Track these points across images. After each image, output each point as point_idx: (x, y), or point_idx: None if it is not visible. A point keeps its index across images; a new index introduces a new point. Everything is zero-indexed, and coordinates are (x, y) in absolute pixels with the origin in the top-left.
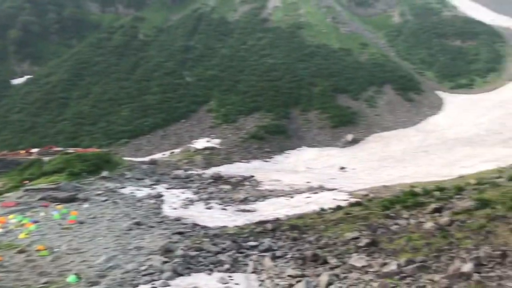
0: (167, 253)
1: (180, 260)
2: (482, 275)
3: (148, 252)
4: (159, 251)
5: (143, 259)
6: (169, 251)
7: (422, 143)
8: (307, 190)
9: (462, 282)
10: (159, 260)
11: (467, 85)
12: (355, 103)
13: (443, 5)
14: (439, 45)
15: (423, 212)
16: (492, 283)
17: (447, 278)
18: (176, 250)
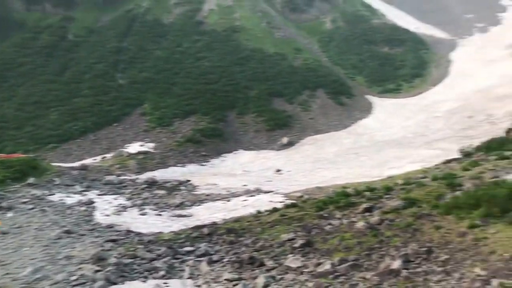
0: (99, 262)
1: (113, 268)
2: (410, 271)
3: (79, 261)
4: (91, 260)
5: (73, 268)
6: (101, 260)
7: (353, 145)
8: (244, 193)
9: (392, 278)
10: (91, 269)
11: (395, 89)
12: (290, 106)
13: (372, 13)
14: (368, 51)
15: (355, 212)
16: (419, 278)
17: (377, 276)
18: (109, 258)
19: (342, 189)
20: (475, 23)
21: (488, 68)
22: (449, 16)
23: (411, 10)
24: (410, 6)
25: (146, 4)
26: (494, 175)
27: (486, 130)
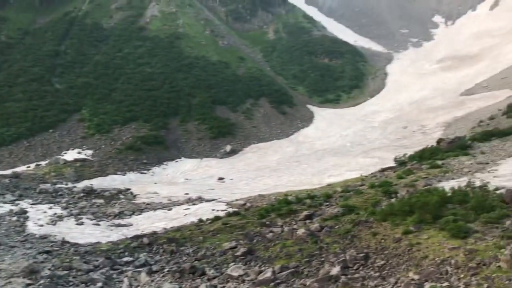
0: (31, 275)
1: (47, 281)
2: (348, 277)
3: (8, 274)
4: (22, 273)
5: (2, 283)
6: (33, 272)
7: (295, 154)
8: (186, 201)
9: (331, 284)
10: (21, 283)
11: (334, 100)
12: (234, 114)
13: (313, 25)
14: (309, 62)
15: (296, 219)
16: (357, 284)
17: (317, 282)
18: (42, 270)
19: (284, 197)
20: (409, 38)
21: (422, 81)
22: (386, 30)
23: (350, 24)
24: (349, 20)
25: (86, 7)
26: (427, 183)
27: (419, 140)
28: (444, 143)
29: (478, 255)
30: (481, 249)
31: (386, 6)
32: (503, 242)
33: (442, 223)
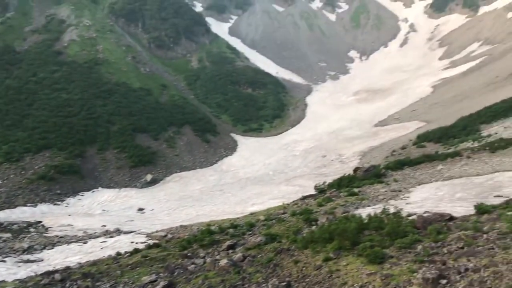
0: None
1: None
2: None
3: None
4: None
5: None
6: None
7: (218, 182)
8: (103, 234)
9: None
10: None
11: (257, 129)
12: (155, 143)
13: (237, 55)
14: (233, 92)
15: (219, 249)
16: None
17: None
18: None
19: (206, 227)
20: (327, 71)
21: (339, 112)
22: (305, 63)
23: (272, 56)
24: (271, 52)
25: None
26: (345, 210)
27: (338, 168)
28: (361, 172)
29: (394, 280)
30: (396, 273)
31: (306, 40)
32: (415, 266)
33: (360, 249)
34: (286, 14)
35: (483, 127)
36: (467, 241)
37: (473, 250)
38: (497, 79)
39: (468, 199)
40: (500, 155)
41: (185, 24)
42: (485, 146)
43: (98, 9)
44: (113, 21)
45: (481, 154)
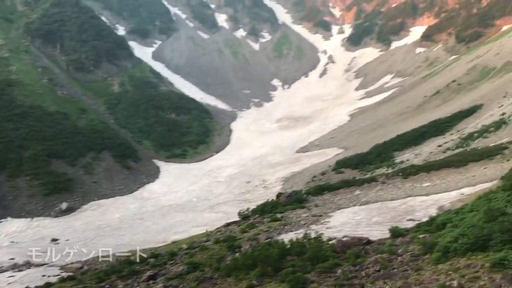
0: None
1: None
2: None
3: None
4: None
5: None
6: None
7: (139, 210)
8: (11, 268)
9: None
10: None
11: (181, 155)
12: (72, 169)
13: (160, 80)
14: (156, 117)
15: (139, 280)
16: None
17: None
18: None
19: (126, 257)
20: (252, 98)
21: (263, 138)
22: (230, 90)
23: (196, 82)
24: (196, 78)
25: None
26: (268, 236)
27: (261, 194)
28: (283, 197)
29: None
30: None
31: (230, 68)
32: None
33: (283, 275)
34: (211, 41)
35: (396, 154)
36: (383, 264)
37: (389, 272)
38: (408, 109)
39: (384, 223)
40: (412, 180)
41: (106, 47)
42: (398, 172)
43: (12, 28)
44: (29, 41)
45: (394, 179)
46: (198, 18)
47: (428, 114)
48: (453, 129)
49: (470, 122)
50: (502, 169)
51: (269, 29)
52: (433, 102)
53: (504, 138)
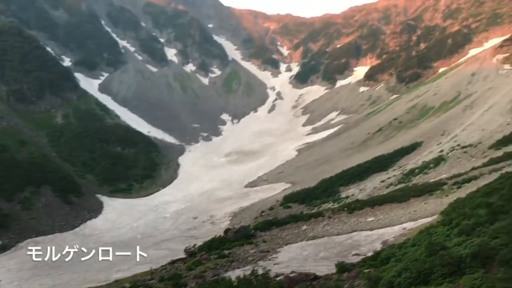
0: None
1: None
2: None
3: None
4: None
5: None
6: None
7: (80, 248)
8: None
9: None
10: None
11: (126, 189)
12: (8, 204)
13: (106, 113)
14: (101, 150)
15: None
16: None
17: None
18: None
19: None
20: (200, 132)
21: (211, 173)
22: (179, 124)
23: (144, 115)
24: (143, 111)
25: None
26: (215, 273)
27: (209, 230)
28: (231, 233)
29: None
30: None
31: (179, 101)
32: None
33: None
34: (160, 74)
35: (342, 189)
36: None
37: None
38: (353, 145)
39: (330, 257)
40: (357, 215)
41: (50, 78)
42: (344, 207)
43: None
44: None
45: (340, 214)
46: (147, 52)
47: (372, 150)
48: (395, 165)
49: (411, 158)
50: (441, 204)
51: (219, 65)
52: (376, 138)
53: (443, 174)
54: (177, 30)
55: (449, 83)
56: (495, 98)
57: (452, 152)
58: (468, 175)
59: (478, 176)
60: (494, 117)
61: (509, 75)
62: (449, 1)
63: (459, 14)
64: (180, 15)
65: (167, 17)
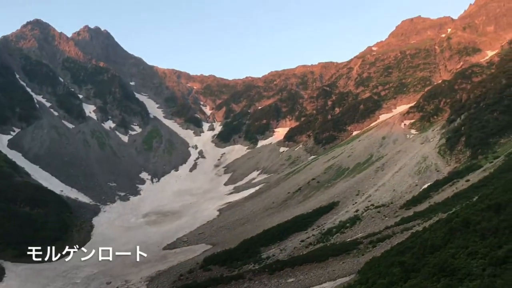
0: None
1: None
2: None
3: None
4: None
5: None
6: None
7: None
8: None
9: None
10: None
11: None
12: None
13: (15, 170)
14: (6, 210)
15: None
16: None
17: None
18: None
19: None
20: (117, 191)
21: (128, 234)
22: (94, 182)
23: (57, 173)
24: (56, 168)
25: None
26: None
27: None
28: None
29: None
30: None
31: (96, 159)
32: None
33: None
34: (77, 131)
35: (263, 249)
36: None
37: None
38: (273, 205)
39: None
40: (277, 276)
41: None
42: (264, 268)
43: None
44: None
45: (261, 276)
46: (64, 108)
47: (292, 209)
48: (314, 225)
49: (329, 218)
50: (358, 263)
51: (140, 122)
52: (296, 198)
53: (359, 233)
54: (97, 87)
55: (362, 145)
56: (404, 160)
57: (366, 212)
58: (382, 234)
59: (391, 235)
60: (404, 178)
61: (416, 139)
62: (360, 70)
63: (370, 82)
64: (101, 72)
65: (87, 73)
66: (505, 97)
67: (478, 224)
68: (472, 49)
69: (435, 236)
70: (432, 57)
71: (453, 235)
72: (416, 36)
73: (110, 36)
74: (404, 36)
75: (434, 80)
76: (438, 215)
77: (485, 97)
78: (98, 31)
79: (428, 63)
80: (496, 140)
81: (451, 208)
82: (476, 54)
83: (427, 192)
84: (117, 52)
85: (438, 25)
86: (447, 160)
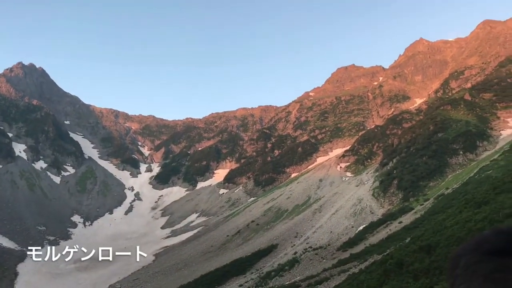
0: None
1: None
2: None
3: None
4: None
5: None
6: None
7: None
8: None
9: None
10: None
11: None
12: None
13: None
14: None
15: None
16: None
17: None
18: None
19: None
20: (47, 235)
21: (56, 282)
22: (21, 226)
23: None
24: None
25: None
26: None
27: None
28: None
29: None
30: None
31: (24, 201)
32: None
33: None
34: (5, 171)
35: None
36: None
37: None
38: (212, 248)
39: None
40: None
41: None
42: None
43: None
44: None
45: None
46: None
47: (231, 253)
48: (253, 268)
49: (268, 261)
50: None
51: (73, 163)
52: (235, 241)
53: (297, 276)
54: (29, 125)
55: (301, 187)
56: (341, 202)
57: (305, 254)
58: (320, 277)
59: (329, 277)
60: (340, 220)
61: (351, 182)
62: (298, 114)
63: (307, 126)
64: (34, 110)
65: (18, 111)
66: (433, 142)
67: (411, 265)
68: (402, 96)
69: (371, 278)
70: (365, 103)
71: (388, 277)
72: (351, 83)
73: (45, 74)
74: (339, 82)
75: (367, 125)
76: (373, 256)
77: (415, 142)
78: (32, 68)
79: (362, 109)
80: (425, 183)
81: (386, 249)
82: (406, 102)
83: (363, 234)
84: (52, 90)
85: (371, 73)
86: (381, 203)
